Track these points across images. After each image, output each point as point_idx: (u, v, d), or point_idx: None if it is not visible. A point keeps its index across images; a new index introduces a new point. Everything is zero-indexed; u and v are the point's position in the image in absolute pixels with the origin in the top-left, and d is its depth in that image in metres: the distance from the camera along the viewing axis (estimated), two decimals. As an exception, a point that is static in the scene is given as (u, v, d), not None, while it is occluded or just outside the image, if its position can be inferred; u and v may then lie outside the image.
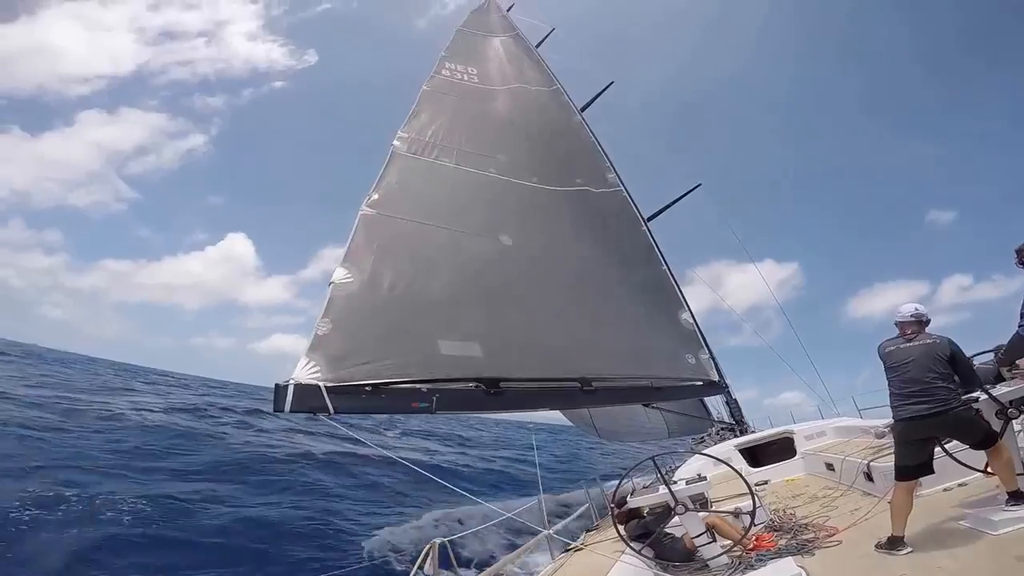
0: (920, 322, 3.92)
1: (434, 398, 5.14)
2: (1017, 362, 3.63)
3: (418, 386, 5.19)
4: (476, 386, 5.60)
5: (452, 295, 6.73)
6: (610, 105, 15.98)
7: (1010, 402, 3.86)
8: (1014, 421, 3.82)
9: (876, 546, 3.69)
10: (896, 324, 4.01)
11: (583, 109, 14.15)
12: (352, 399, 4.83)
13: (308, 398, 4.62)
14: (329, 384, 4.71)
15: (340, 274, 5.98)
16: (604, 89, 15.45)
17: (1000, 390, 3.95)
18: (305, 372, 4.75)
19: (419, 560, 4.21)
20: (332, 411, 4.63)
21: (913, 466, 3.74)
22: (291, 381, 4.64)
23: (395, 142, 9.08)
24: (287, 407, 4.56)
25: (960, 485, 4.56)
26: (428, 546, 4.26)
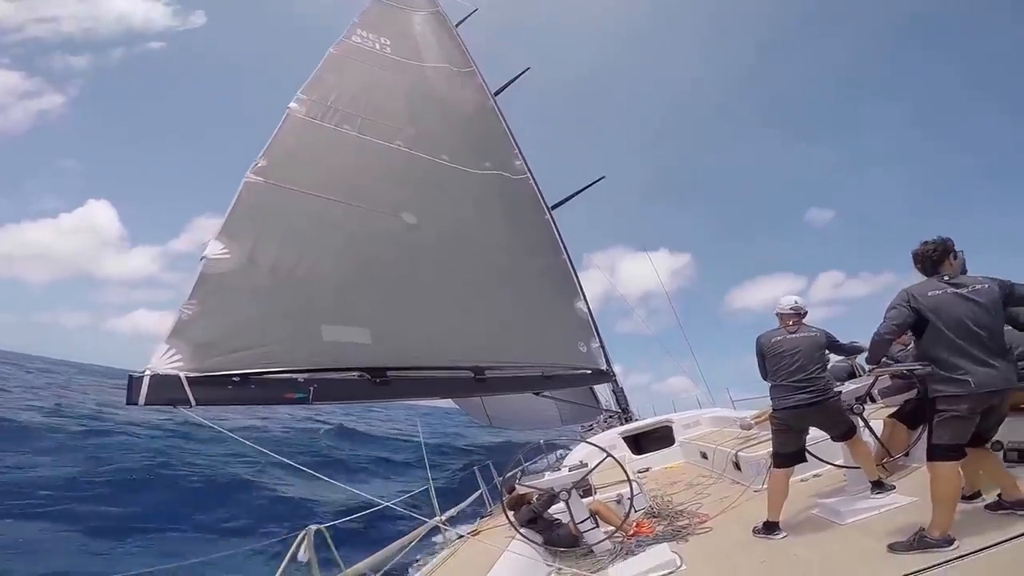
0: (799, 314, 4.13)
1: (311, 388, 4.87)
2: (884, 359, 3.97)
3: (294, 376, 4.90)
4: (360, 375, 5.40)
5: (344, 276, 6.36)
6: (525, 91, 15.89)
7: (856, 398, 4.25)
8: (859, 416, 4.19)
9: (753, 531, 3.87)
10: (777, 315, 4.21)
11: (497, 93, 13.90)
12: (218, 390, 4.44)
13: (166, 389, 4.18)
14: (191, 374, 4.30)
15: (215, 248, 5.41)
16: (520, 74, 15.38)
17: (849, 387, 4.35)
18: (164, 361, 4.29)
19: (292, 547, 3.96)
20: (193, 403, 4.25)
21: (791, 453, 3.96)
22: (147, 371, 4.19)
23: (292, 104, 8.34)
24: (141, 399, 4.10)
25: (815, 476, 5.00)
26: (303, 532, 4.03)
